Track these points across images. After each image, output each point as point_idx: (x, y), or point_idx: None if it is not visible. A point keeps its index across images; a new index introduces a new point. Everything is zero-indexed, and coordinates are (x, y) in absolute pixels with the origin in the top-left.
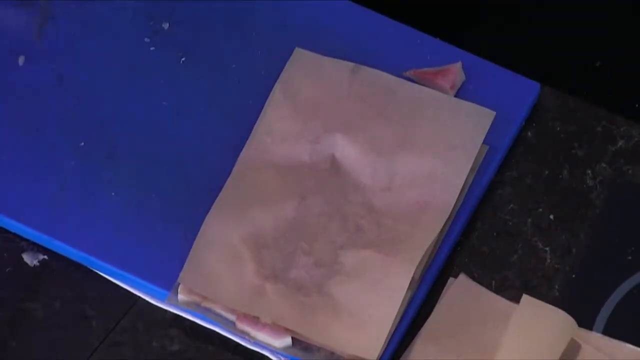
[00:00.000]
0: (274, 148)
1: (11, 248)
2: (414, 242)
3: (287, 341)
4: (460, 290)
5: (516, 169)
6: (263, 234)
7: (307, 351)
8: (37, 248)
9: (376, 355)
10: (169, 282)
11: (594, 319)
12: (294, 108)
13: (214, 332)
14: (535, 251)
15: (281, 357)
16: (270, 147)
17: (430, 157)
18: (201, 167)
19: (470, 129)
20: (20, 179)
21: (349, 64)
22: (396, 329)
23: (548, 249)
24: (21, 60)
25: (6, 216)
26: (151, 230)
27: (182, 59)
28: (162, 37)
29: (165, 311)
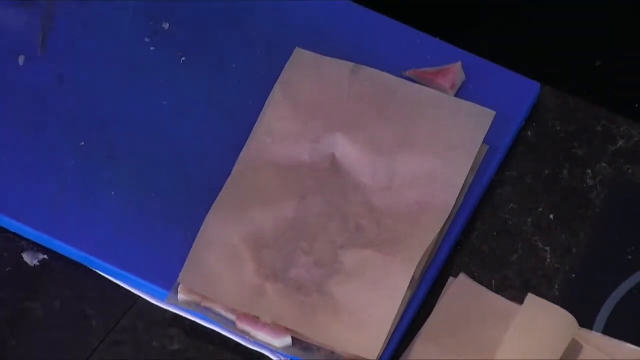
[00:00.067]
0: (274, 148)
1: (11, 248)
2: (414, 241)
3: (287, 341)
4: (461, 289)
5: (516, 168)
6: (263, 233)
7: (307, 351)
8: (37, 248)
9: (376, 355)
10: (169, 282)
11: (594, 318)
12: (294, 108)
13: (214, 331)
14: (535, 251)
15: (281, 357)
16: (270, 147)
17: (430, 157)
18: (201, 167)
19: (471, 128)
20: (20, 179)
21: (349, 64)
22: (396, 328)
23: (548, 248)
24: (21, 60)
25: (6, 216)
26: (151, 230)
27: (182, 58)
28: (162, 37)
29: (166, 311)
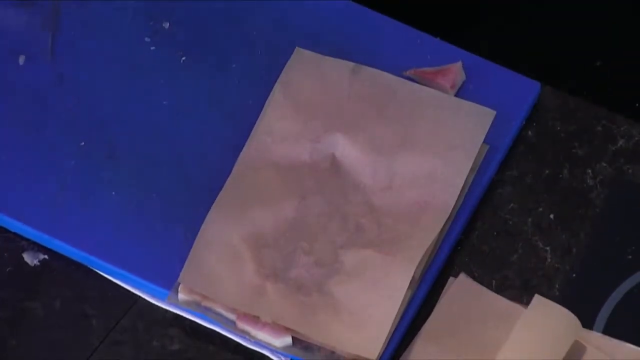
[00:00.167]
0: (274, 148)
1: (11, 248)
2: (414, 241)
3: (288, 340)
4: (461, 289)
5: (516, 168)
6: (263, 233)
7: (307, 350)
8: (37, 248)
9: (376, 355)
10: (169, 282)
11: (594, 318)
12: (294, 108)
13: (214, 331)
14: (535, 250)
15: (281, 357)
16: (271, 146)
17: (430, 156)
18: (201, 167)
19: (471, 128)
20: (20, 178)
21: (349, 64)
22: (396, 328)
23: (548, 248)
24: (21, 60)
25: (6, 216)
26: (151, 230)
27: (182, 58)
28: (163, 37)
29: (166, 311)
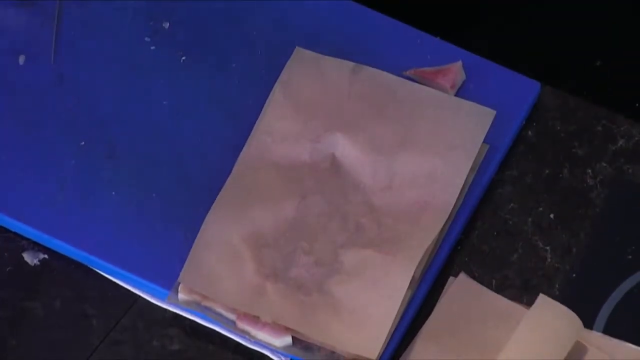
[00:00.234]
0: (274, 148)
1: (11, 247)
2: (414, 241)
3: (288, 340)
4: (461, 289)
5: (516, 168)
6: (263, 233)
7: (307, 350)
8: (37, 247)
9: (376, 354)
10: (169, 282)
11: (594, 318)
12: (294, 108)
13: (214, 331)
14: (535, 250)
15: (281, 357)
16: (271, 146)
17: (430, 156)
18: (201, 167)
19: (471, 128)
20: (20, 178)
21: (349, 64)
22: (396, 328)
23: (548, 248)
24: (21, 60)
25: (6, 215)
26: (151, 229)
27: (182, 58)
28: (163, 37)
29: (166, 310)
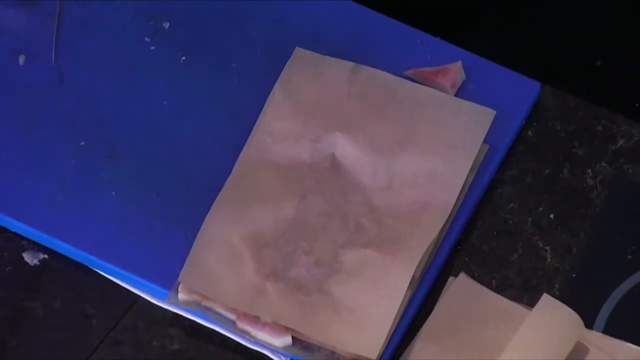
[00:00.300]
0: (274, 148)
1: (11, 247)
2: (414, 241)
3: (288, 340)
4: (461, 289)
5: (516, 168)
6: (263, 233)
7: (307, 350)
8: (37, 247)
9: (376, 354)
10: (169, 282)
11: (594, 318)
12: (294, 108)
13: (214, 331)
14: (535, 250)
15: (281, 357)
16: (271, 146)
17: (430, 156)
18: (201, 167)
19: (471, 128)
20: (20, 178)
21: (349, 64)
22: (396, 327)
23: (548, 248)
24: (21, 60)
25: (6, 215)
26: (151, 229)
27: (182, 58)
28: (163, 37)
29: (166, 310)
